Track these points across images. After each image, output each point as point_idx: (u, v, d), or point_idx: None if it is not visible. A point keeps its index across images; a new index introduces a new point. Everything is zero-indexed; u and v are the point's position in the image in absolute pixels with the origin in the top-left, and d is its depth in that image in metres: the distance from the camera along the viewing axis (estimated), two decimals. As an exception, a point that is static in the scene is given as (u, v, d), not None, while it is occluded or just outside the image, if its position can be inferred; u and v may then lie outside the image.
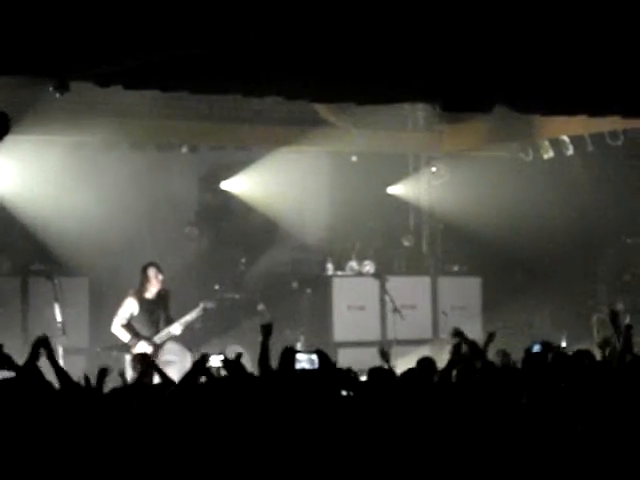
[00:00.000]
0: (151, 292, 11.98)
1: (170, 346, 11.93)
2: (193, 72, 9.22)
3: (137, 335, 11.79)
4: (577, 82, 10.15)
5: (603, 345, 8.42)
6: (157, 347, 11.81)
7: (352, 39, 9.13)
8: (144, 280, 11.96)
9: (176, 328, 11.89)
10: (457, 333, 8.37)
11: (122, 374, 7.50)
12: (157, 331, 11.87)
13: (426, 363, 7.93)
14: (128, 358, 11.69)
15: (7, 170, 13.21)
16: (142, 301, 11.93)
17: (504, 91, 10.15)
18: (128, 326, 11.84)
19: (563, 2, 9.30)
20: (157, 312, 11.92)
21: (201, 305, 12.09)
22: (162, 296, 12.01)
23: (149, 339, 11.81)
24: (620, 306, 13.80)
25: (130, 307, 11.89)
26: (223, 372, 7.46)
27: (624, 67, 9.89)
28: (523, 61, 9.81)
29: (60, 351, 11.34)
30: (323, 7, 8.90)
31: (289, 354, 7.20)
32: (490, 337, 8.47)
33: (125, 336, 11.80)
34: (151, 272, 11.96)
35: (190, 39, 8.72)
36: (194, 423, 6.44)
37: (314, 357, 7.32)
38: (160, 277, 11.97)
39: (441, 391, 7.14)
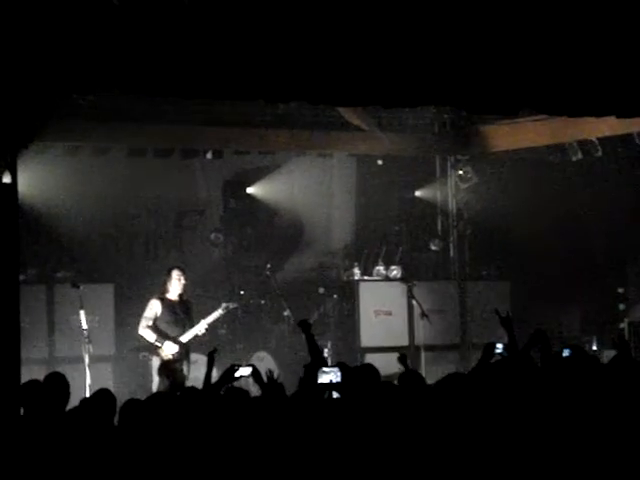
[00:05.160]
0: (173, 294, 12.03)
1: None
2: (217, 78, 9.15)
3: (163, 335, 11.81)
4: (605, 83, 10.03)
5: None
6: (183, 346, 11.82)
7: (378, 41, 9.07)
8: (167, 281, 12.00)
9: (201, 327, 11.94)
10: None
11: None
12: (183, 331, 11.89)
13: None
14: (155, 359, 11.70)
15: (32, 177, 13.18)
16: (165, 302, 12.02)
17: (531, 92, 10.04)
18: (154, 327, 11.89)
19: (591, 3, 9.20)
20: (181, 314, 11.98)
21: (223, 305, 12.17)
22: (184, 301, 12.06)
23: (175, 339, 11.84)
24: None
25: (154, 308, 11.96)
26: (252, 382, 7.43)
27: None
28: (550, 62, 9.72)
29: (86, 359, 11.34)
30: (349, 11, 8.84)
31: (311, 370, 7.15)
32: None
33: (151, 336, 11.85)
34: (175, 274, 12.02)
35: (215, 44, 8.67)
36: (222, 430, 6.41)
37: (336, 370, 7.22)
38: (183, 281, 11.99)
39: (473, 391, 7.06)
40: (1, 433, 6.62)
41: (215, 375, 9.63)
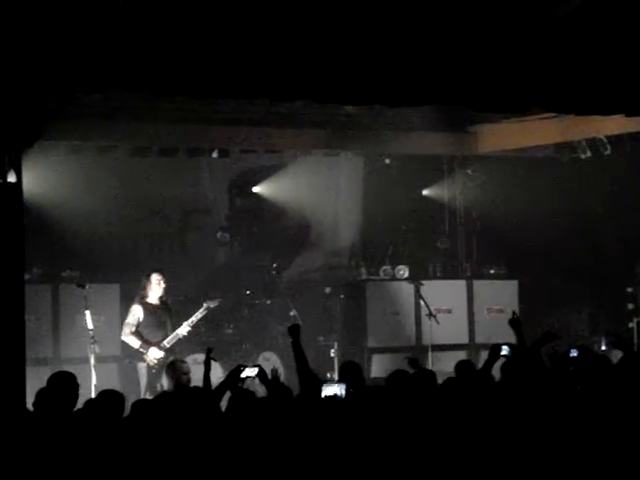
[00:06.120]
0: (153, 298, 12.04)
1: None
2: (222, 76, 9.10)
3: (147, 341, 11.77)
4: (613, 81, 9.98)
5: None
6: (168, 351, 11.78)
7: (384, 39, 9.02)
8: (146, 285, 11.99)
9: (183, 330, 11.92)
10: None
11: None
12: (166, 335, 11.86)
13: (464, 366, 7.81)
14: (141, 365, 11.69)
15: (37, 176, 13.15)
16: (146, 306, 12.00)
17: (539, 91, 9.99)
18: (137, 333, 11.85)
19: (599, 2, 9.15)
20: (162, 317, 11.96)
21: (204, 305, 12.13)
22: (164, 303, 12.04)
23: (159, 344, 11.79)
24: None
25: (136, 314, 11.96)
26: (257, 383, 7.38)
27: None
28: (559, 60, 9.66)
29: (91, 360, 11.30)
30: (355, 8, 8.80)
31: (316, 384, 7.11)
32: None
33: (135, 343, 11.84)
34: (154, 278, 12.00)
35: (221, 43, 8.63)
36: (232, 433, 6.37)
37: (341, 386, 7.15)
38: (163, 284, 11.98)
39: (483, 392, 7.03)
40: (7, 432, 6.58)
41: (221, 376, 9.59)
